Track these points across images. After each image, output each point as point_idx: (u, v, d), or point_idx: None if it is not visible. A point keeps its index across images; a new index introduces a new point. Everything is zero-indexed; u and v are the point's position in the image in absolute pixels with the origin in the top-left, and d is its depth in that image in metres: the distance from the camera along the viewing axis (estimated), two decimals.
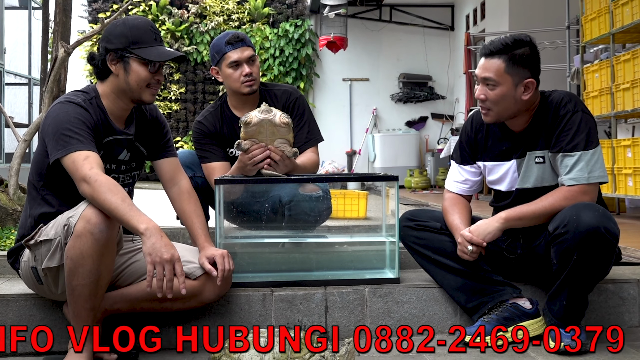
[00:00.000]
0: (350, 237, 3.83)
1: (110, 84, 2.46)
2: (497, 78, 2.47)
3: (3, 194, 3.91)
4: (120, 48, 2.41)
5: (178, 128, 11.35)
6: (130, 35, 2.42)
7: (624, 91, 5.38)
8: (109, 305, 2.40)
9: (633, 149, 5.19)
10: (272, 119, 2.70)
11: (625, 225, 4.80)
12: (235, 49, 3.05)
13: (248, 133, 2.73)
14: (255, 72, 3.07)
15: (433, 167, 10.86)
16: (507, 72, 2.47)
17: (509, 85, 2.47)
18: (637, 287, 2.76)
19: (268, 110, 2.71)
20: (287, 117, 2.73)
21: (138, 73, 2.42)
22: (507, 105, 2.50)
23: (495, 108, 2.52)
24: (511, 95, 2.48)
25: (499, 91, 2.48)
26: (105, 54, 2.43)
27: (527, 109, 2.55)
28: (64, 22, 4.69)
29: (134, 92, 2.45)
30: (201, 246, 2.53)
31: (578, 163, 2.44)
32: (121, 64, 2.43)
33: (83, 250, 2.16)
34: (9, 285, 2.73)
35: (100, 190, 2.18)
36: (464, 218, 2.66)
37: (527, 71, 2.49)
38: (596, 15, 5.92)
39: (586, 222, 2.27)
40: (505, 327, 2.49)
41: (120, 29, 2.44)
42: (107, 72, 2.46)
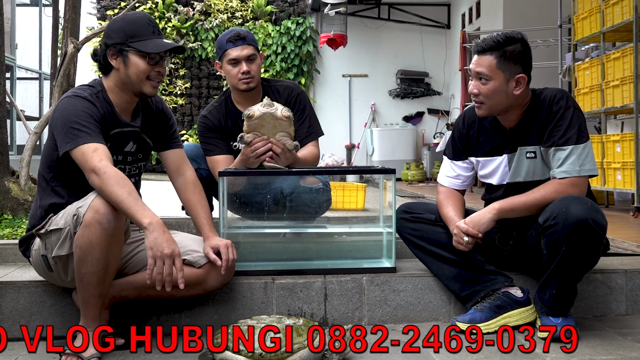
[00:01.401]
0: (348, 227, 3.83)
1: (113, 78, 2.46)
2: (489, 73, 2.48)
3: (15, 185, 3.91)
4: (118, 42, 2.41)
5: (183, 122, 11.35)
6: (128, 30, 2.41)
7: (614, 88, 5.37)
8: (116, 292, 2.41)
9: (622, 144, 5.19)
10: (273, 113, 2.70)
11: (613, 217, 4.80)
12: (235, 47, 3.05)
13: (250, 126, 2.73)
14: (254, 70, 3.06)
15: (429, 160, 10.88)
16: (499, 67, 2.47)
17: (500, 80, 2.48)
18: (624, 277, 2.77)
19: (270, 104, 2.71)
20: (288, 111, 2.73)
21: (137, 66, 2.41)
22: (499, 99, 2.50)
23: (488, 102, 2.52)
24: (503, 89, 2.49)
25: (491, 86, 2.49)
26: (106, 49, 2.43)
27: (519, 104, 2.55)
28: (73, 18, 4.68)
29: (134, 84, 2.44)
30: (205, 236, 2.53)
31: (570, 156, 2.44)
32: (120, 58, 2.42)
33: (92, 239, 2.16)
34: (21, 272, 2.73)
35: (108, 183, 2.18)
36: (458, 210, 2.66)
37: (518, 67, 2.49)
38: (587, 15, 5.90)
39: (575, 215, 2.27)
40: (496, 315, 2.50)
41: (119, 24, 2.44)
42: (109, 67, 2.45)
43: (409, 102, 11.93)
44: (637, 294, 2.77)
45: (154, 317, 2.57)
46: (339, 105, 11.84)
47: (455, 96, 11.20)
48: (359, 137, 11.82)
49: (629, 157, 5.04)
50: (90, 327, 2.25)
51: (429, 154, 10.92)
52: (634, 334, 2.47)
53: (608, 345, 2.33)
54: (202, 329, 2.57)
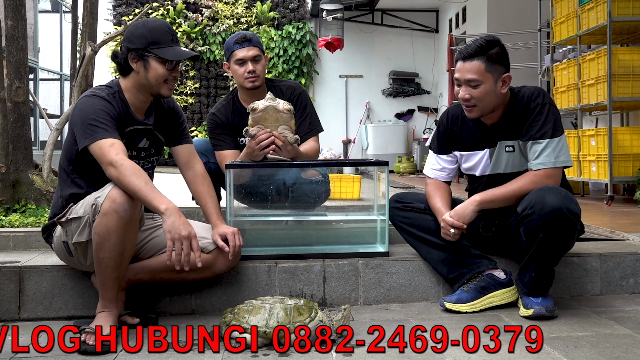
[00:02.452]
0: (345, 216, 3.83)
1: (132, 79, 2.45)
2: (480, 77, 2.44)
3: (38, 177, 3.90)
4: (140, 48, 2.40)
5: (193, 119, 11.33)
6: (149, 37, 2.40)
7: (589, 87, 5.36)
8: (132, 276, 2.40)
9: (596, 138, 5.18)
10: (275, 106, 2.73)
11: (588, 205, 4.80)
12: (241, 48, 3.04)
13: (255, 119, 2.74)
14: (259, 70, 3.05)
15: (419, 154, 10.88)
16: (488, 70, 2.45)
17: (490, 82, 2.46)
18: (598, 260, 2.77)
19: (272, 99, 2.75)
20: (289, 105, 2.76)
21: (156, 70, 2.41)
22: (490, 100, 2.48)
23: (480, 104, 2.48)
24: (493, 90, 2.47)
25: (482, 89, 2.45)
26: (127, 53, 2.42)
27: (502, 102, 2.53)
28: (91, 23, 4.66)
29: (152, 87, 2.44)
30: (214, 224, 2.53)
31: (546, 149, 2.44)
32: (141, 62, 2.41)
33: (109, 226, 2.16)
34: (44, 257, 2.73)
35: (125, 174, 2.17)
36: (444, 201, 2.65)
37: (502, 67, 2.48)
38: (565, 19, 5.88)
39: (550, 204, 2.27)
40: (481, 295, 2.50)
41: (141, 31, 2.42)
42: (128, 69, 2.44)
43: (400, 100, 11.90)
44: (610, 275, 2.77)
45: (167, 299, 2.57)
46: (336, 104, 11.82)
47: (443, 95, 11.17)
48: (355, 133, 11.80)
49: (603, 150, 5.03)
50: (108, 307, 2.25)
51: (419, 148, 10.92)
52: (608, 312, 2.48)
53: (584, 323, 2.33)
54: (209, 310, 2.57)
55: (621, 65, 5.03)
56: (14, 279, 2.52)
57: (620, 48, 5.38)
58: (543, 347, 2.05)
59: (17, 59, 3.90)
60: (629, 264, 2.78)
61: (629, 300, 2.67)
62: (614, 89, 5.00)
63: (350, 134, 11.86)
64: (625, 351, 2.00)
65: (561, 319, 2.37)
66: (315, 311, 2.15)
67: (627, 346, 2.05)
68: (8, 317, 2.50)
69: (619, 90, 5.03)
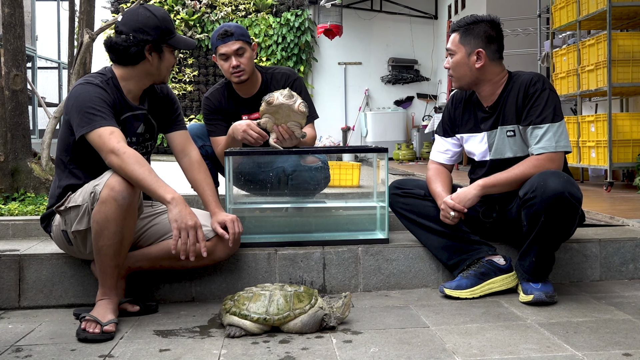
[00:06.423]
0: (345, 202, 3.82)
1: (139, 68, 2.40)
2: (453, 48, 2.59)
3: (37, 165, 3.88)
4: (157, 39, 2.38)
5: (192, 107, 11.31)
6: (163, 27, 2.40)
7: (589, 73, 5.33)
8: (131, 263, 2.40)
9: (596, 124, 5.17)
10: (291, 105, 2.66)
11: (588, 191, 4.79)
12: (224, 44, 3.01)
13: (268, 110, 2.68)
14: (244, 63, 3.00)
15: (418, 141, 10.87)
16: (461, 42, 2.57)
17: (462, 54, 2.56)
18: (598, 246, 2.76)
19: (290, 96, 2.66)
20: (304, 107, 2.68)
21: (170, 60, 2.45)
22: (462, 71, 2.57)
23: (455, 74, 2.60)
24: (464, 62, 2.55)
25: (454, 59, 2.59)
26: (143, 44, 2.37)
27: (488, 80, 2.55)
28: (88, 11, 4.63)
29: (162, 76, 2.46)
30: (212, 212, 2.51)
31: (546, 134, 2.43)
32: (156, 53, 2.40)
33: (108, 214, 2.15)
34: (43, 246, 2.72)
35: (128, 162, 2.16)
36: (445, 187, 2.65)
37: (478, 42, 2.53)
38: (565, 5, 5.85)
39: (552, 188, 2.26)
40: (481, 281, 2.50)
41: (154, 22, 2.38)
42: (137, 59, 2.39)
43: (399, 87, 11.87)
44: (610, 261, 2.76)
45: (166, 286, 2.57)
46: (335, 91, 11.78)
47: (442, 82, 11.13)
48: (354, 120, 11.77)
49: (603, 136, 5.01)
50: (108, 295, 2.25)
51: (418, 135, 10.91)
52: (607, 297, 2.47)
53: (584, 308, 2.33)
54: (209, 297, 2.57)
55: (621, 50, 5.01)
56: (13, 267, 2.51)
57: (620, 33, 5.35)
58: (542, 333, 2.05)
59: (14, 46, 3.88)
60: (628, 250, 2.77)
61: (628, 285, 2.67)
62: (614, 75, 4.98)
63: (349, 122, 11.84)
64: (624, 336, 2.00)
65: (561, 305, 2.37)
66: (315, 298, 2.15)
67: (626, 331, 2.05)
68: (8, 306, 2.50)
69: (619, 76, 5.01)
